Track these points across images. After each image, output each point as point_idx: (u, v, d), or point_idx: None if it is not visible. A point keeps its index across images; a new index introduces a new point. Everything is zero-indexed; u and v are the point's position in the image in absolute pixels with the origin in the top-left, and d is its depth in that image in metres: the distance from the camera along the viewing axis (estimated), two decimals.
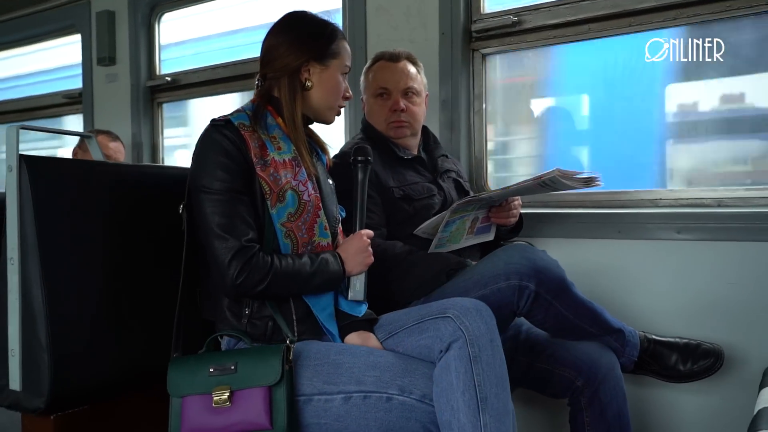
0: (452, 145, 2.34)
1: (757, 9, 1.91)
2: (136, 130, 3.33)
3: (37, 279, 1.36)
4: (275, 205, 1.40)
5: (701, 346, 1.74)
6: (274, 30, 1.52)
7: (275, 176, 1.41)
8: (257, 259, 1.35)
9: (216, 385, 1.31)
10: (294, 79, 1.48)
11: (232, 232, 1.35)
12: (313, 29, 1.52)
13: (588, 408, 1.67)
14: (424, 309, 1.43)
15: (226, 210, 1.37)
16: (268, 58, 1.50)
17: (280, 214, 1.41)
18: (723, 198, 1.98)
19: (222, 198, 1.37)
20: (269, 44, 1.51)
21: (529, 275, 1.54)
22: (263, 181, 1.40)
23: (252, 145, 1.41)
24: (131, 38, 3.32)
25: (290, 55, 1.47)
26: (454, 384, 1.25)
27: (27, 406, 1.38)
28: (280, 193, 1.41)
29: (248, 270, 1.34)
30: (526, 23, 2.27)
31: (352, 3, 2.55)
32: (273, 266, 1.37)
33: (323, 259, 1.43)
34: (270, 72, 1.50)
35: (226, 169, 1.38)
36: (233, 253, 1.34)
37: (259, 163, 1.40)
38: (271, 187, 1.40)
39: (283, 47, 1.48)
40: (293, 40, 1.48)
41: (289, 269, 1.39)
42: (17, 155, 1.38)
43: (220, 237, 1.35)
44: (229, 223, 1.36)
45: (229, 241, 1.35)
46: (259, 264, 1.35)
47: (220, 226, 1.35)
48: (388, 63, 1.96)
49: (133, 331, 1.53)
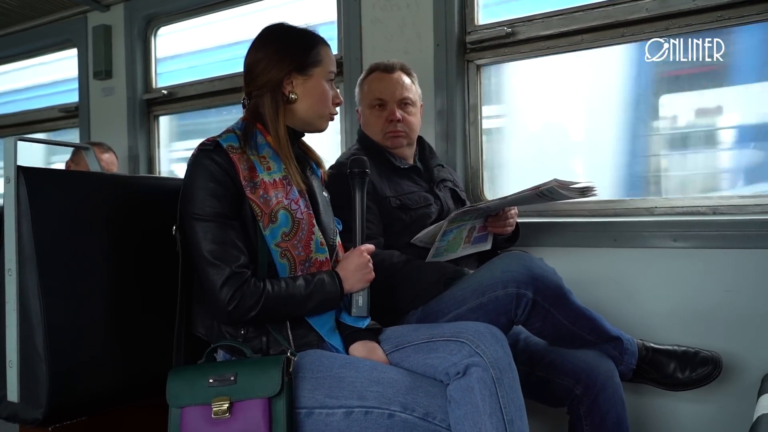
0: (448, 155, 2.35)
1: (748, 19, 1.93)
2: (132, 143, 3.34)
3: (35, 290, 1.36)
4: (267, 227, 1.40)
5: (699, 354, 1.74)
6: (253, 46, 1.51)
7: (265, 198, 1.40)
8: (249, 285, 1.35)
9: (215, 396, 1.30)
10: (276, 94, 1.47)
11: (224, 258, 1.35)
12: (291, 40, 1.50)
13: (587, 416, 1.67)
14: (435, 329, 1.43)
15: (217, 236, 1.36)
16: (250, 75, 1.49)
17: (273, 234, 1.40)
18: (718, 206, 1.99)
19: (212, 224, 1.36)
20: (250, 61, 1.49)
21: (526, 283, 1.54)
22: (253, 204, 1.39)
23: (241, 168, 1.40)
24: (127, 52, 3.34)
25: (271, 69, 1.46)
26: (480, 407, 1.25)
27: (25, 418, 1.38)
28: (271, 214, 1.40)
29: (240, 296, 1.34)
30: (520, 34, 2.29)
31: (347, 14, 2.57)
32: (265, 291, 1.36)
33: (319, 279, 1.42)
34: (254, 89, 1.49)
35: (214, 194, 1.37)
36: (224, 280, 1.34)
37: (249, 185, 1.39)
38: (261, 209, 1.39)
39: (263, 63, 1.47)
40: (272, 54, 1.47)
41: (282, 293, 1.38)
42: (15, 167, 1.38)
43: (212, 264, 1.35)
44: (220, 249, 1.35)
45: (220, 267, 1.34)
46: (250, 290, 1.35)
47: (212, 252, 1.35)
48: (382, 74, 1.97)
49: (131, 341, 1.53)
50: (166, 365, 1.42)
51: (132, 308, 1.54)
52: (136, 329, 1.55)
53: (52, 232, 1.40)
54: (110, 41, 3.39)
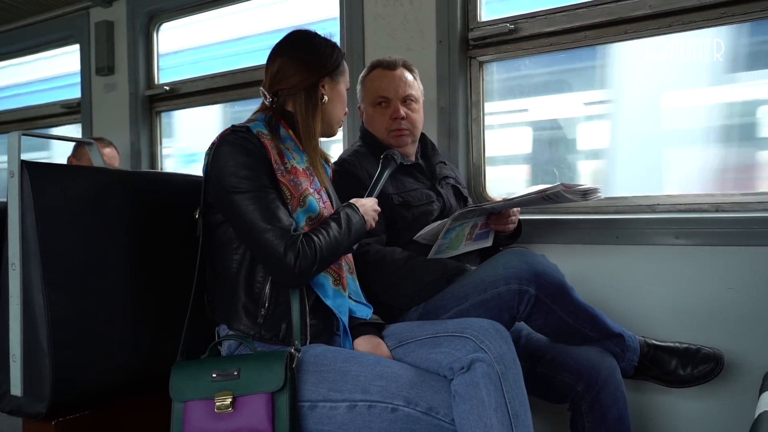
0: (450, 152, 2.35)
1: (751, 16, 1.93)
2: (134, 138, 3.34)
3: (39, 284, 1.37)
4: (296, 210, 1.44)
5: (701, 351, 1.74)
6: (283, 48, 1.56)
7: (295, 182, 1.45)
8: (304, 245, 1.38)
9: (218, 391, 1.31)
10: (312, 94, 1.53)
11: (279, 223, 1.38)
12: (325, 49, 1.57)
13: (589, 413, 1.67)
14: (439, 325, 1.45)
15: (264, 204, 1.39)
16: (281, 75, 1.53)
17: (299, 218, 1.44)
18: (720, 203, 1.99)
19: (255, 194, 1.39)
20: (282, 62, 1.53)
21: (528, 279, 1.55)
22: (284, 186, 1.43)
23: (272, 152, 1.44)
24: (130, 48, 3.34)
25: (306, 71, 1.52)
26: (485, 401, 1.26)
27: (28, 412, 1.38)
28: (300, 198, 1.44)
29: (302, 257, 1.37)
30: (523, 31, 2.29)
31: (349, 11, 2.57)
32: (317, 246, 1.39)
33: (344, 214, 1.48)
34: (285, 87, 1.53)
35: (251, 167, 1.41)
36: (287, 244, 1.36)
37: (280, 168, 1.43)
38: (291, 192, 1.44)
39: (297, 64, 1.52)
40: (308, 58, 1.53)
41: (330, 240, 1.42)
42: (19, 161, 1.38)
43: (270, 230, 1.37)
44: (273, 215, 1.38)
45: (279, 233, 1.37)
46: (306, 248, 1.37)
47: (266, 219, 1.37)
48: (385, 71, 1.96)
49: (134, 336, 1.54)
50: (170, 359, 1.43)
51: (135, 302, 1.55)
52: (140, 323, 1.55)
53: (55, 227, 1.40)
54: (113, 37, 3.39)
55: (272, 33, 2.87)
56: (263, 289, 1.43)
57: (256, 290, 1.44)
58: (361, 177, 1.81)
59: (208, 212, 1.48)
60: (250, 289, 1.44)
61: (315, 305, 1.47)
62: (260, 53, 2.96)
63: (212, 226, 1.48)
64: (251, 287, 1.44)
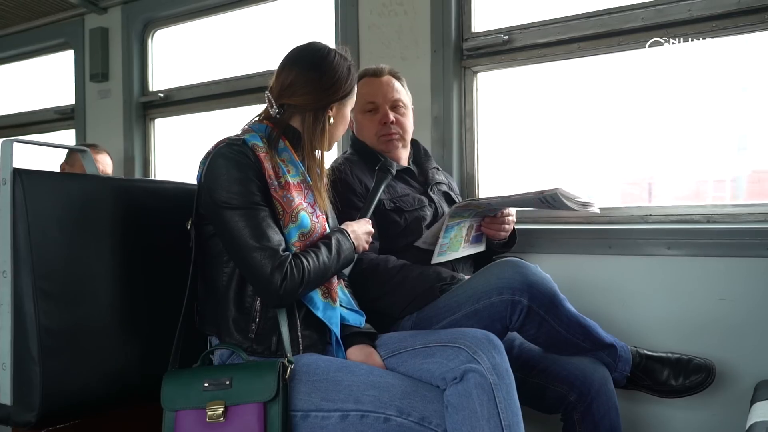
0: (444, 161, 2.36)
1: (742, 29, 1.95)
2: (128, 145, 3.34)
3: (30, 292, 1.36)
4: (287, 226, 1.42)
5: (693, 361, 1.74)
6: (301, 62, 1.51)
7: (288, 198, 1.43)
8: (292, 266, 1.36)
9: (210, 400, 1.31)
10: (320, 115, 1.50)
11: (268, 242, 1.36)
12: (342, 72, 1.52)
13: (581, 423, 1.67)
14: (432, 335, 1.45)
15: (255, 221, 1.37)
16: (292, 90, 1.49)
17: (291, 234, 1.42)
18: (712, 214, 2.00)
19: (246, 211, 1.38)
20: (296, 77, 1.49)
21: (521, 290, 1.55)
22: (277, 202, 1.42)
23: (267, 166, 1.42)
24: (124, 55, 3.34)
25: (320, 93, 1.49)
26: (478, 412, 1.26)
27: (18, 421, 1.37)
28: (292, 214, 1.43)
29: (289, 278, 1.35)
30: (517, 42, 2.30)
31: (344, 20, 2.58)
32: (305, 268, 1.38)
33: (335, 239, 1.47)
34: (293, 102, 1.49)
35: (247, 183, 1.39)
36: (273, 265, 1.34)
37: (273, 184, 1.42)
38: (284, 208, 1.42)
39: (312, 85, 1.48)
40: (324, 80, 1.49)
41: (318, 264, 1.41)
42: (11, 168, 1.38)
43: (258, 249, 1.35)
44: (263, 233, 1.37)
45: (268, 252, 1.35)
46: (294, 271, 1.36)
47: (255, 237, 1.36)
48: (372, 78, 1.97)
49: (124, 345, 1.53)
50: (161, 368, 1.42)
51: (126, 311, 1.54)
52: (130, 332, 1.54)
53: (47, 235, 1.40)
54: (107, 44, 3.39)
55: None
56: (254, 303, 1.42)
57: (247, 304, 1.43)
58: (352, 183, 1.82)
59: (201, 223, 1.47)
60: (240, 303, 1.43)
61: (307, 317, 1.46)
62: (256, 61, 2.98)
63: (204, 237, 1.47)
64: (242, 301, 1.43)
